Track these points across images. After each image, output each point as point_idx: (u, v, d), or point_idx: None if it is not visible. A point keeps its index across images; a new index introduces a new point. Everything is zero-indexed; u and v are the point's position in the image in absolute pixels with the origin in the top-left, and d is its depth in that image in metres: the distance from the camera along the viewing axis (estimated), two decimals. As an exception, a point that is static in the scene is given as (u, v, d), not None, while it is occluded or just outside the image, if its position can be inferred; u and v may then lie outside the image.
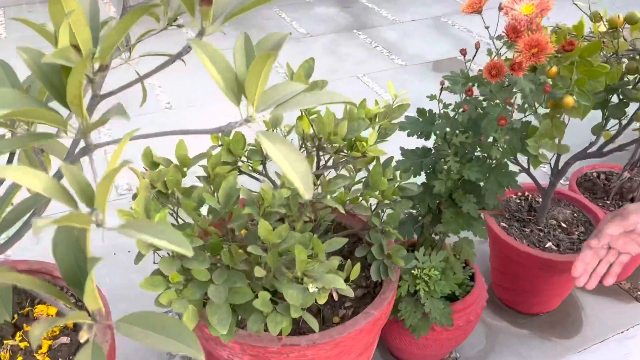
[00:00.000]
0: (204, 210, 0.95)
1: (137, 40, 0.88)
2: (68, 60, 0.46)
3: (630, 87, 1.20)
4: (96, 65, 0.52)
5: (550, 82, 1.02)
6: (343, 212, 0.89)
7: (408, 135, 1.16)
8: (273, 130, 1.00)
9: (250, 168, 1.04)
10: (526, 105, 1.03)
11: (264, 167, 1.07)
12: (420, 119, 1.17)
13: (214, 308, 0.82)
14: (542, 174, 2.14)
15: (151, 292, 0.80)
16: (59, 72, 0.48)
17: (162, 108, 2.48)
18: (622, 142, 1.30)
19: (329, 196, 0.95)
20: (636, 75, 1.22)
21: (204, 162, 1.02)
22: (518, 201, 1.58)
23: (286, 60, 1.07)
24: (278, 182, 1.11)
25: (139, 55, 0.96)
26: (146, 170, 1.01)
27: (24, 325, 1.03)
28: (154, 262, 0.92)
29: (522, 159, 1.33)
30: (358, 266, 0.99)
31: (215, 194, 0.92)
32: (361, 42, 3.34)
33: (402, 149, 1.24)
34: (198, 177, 1.00)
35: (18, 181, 0.39)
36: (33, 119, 0.44)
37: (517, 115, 1.07)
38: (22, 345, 0.99)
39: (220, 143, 1.04)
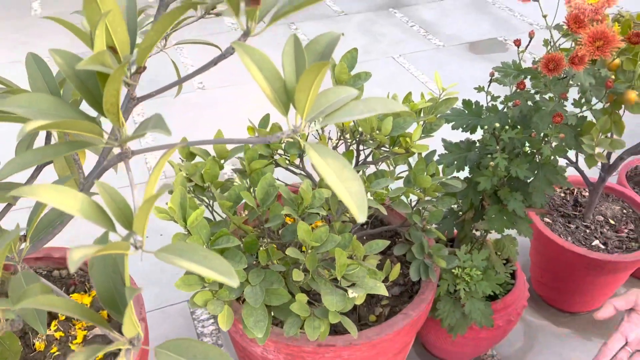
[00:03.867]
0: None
1: (171, 30, 0.85)
2: (104, 66, 0.43)
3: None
4: (133, 68, 0.49)
5: (612, 77, 0.94)
6: (384, 212, 0.85)
7: (453, 128, 1.10)
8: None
9: (287, 161, 1.00)
10: (583, 100, 0.96)
11: (301, 161, 1.03)
12: (466, 111, 1.10)
13: (250, 309, 0.80)
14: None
15: (186, 292, 0.78)
16: (94, 77, 0.44)
17: (194, 88, 2.45)
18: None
19: (369, 194, 0.91)
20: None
21: (241, 153, 0.98)
22: (563, 195, 1.50)
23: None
24: (315, 176, 1.07)
25: (176, 42, 0.93)
26: (182, 161, 0.98)
27: (59, 314, 1.02)
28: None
29: (570, 151, 1.26)
30: (398, 267, 0.95)
31: (252, 190, 0.89)
32: (397, 21, 3.24)
33: (444, 141, 1.18)
34: (234, 170, 0.97)
35: (51, 203, 0.36)
36: (70, 130, 0.41)
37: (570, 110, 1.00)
38: (57, 335, 0.99)
39: (256, 135, 1.00)
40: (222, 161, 0.98)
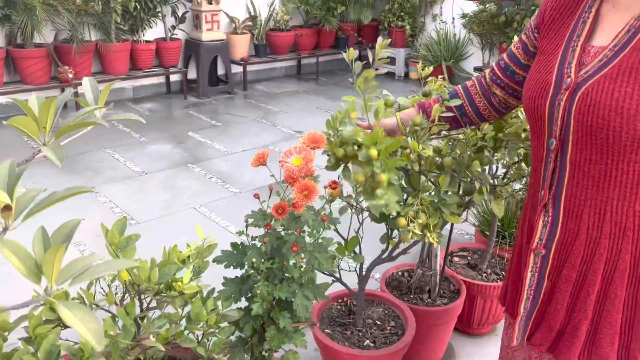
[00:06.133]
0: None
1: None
2: None
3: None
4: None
5: (327, 212, 1.27)
6: (162, 349, 1.00)
7: (225, 267, 1.33)
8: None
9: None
10: (314, 231, 1.27)
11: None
12: (235, 252, 1.34)
13: None
14: (354, 280, 2.40)
15: None
16: None
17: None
18: (404, 246, 1.61)
19: (152, 336, 1.05)
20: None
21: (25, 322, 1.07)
22: (339, 307, 1.79)
23: (119, 201, 1.20)
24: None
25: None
26: (-36, 340, 1.03)
27: None
28: None
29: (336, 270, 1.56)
30: (187, 397, 1.08)
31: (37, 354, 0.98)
32: (196, 174, 3.55)
33: (224, 278, 1.39)
34: (20, 339, 1.05)
35: None
36: None
37: (309, 239, 1.30)
38: None
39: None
40: (6, 333, 1.05)
